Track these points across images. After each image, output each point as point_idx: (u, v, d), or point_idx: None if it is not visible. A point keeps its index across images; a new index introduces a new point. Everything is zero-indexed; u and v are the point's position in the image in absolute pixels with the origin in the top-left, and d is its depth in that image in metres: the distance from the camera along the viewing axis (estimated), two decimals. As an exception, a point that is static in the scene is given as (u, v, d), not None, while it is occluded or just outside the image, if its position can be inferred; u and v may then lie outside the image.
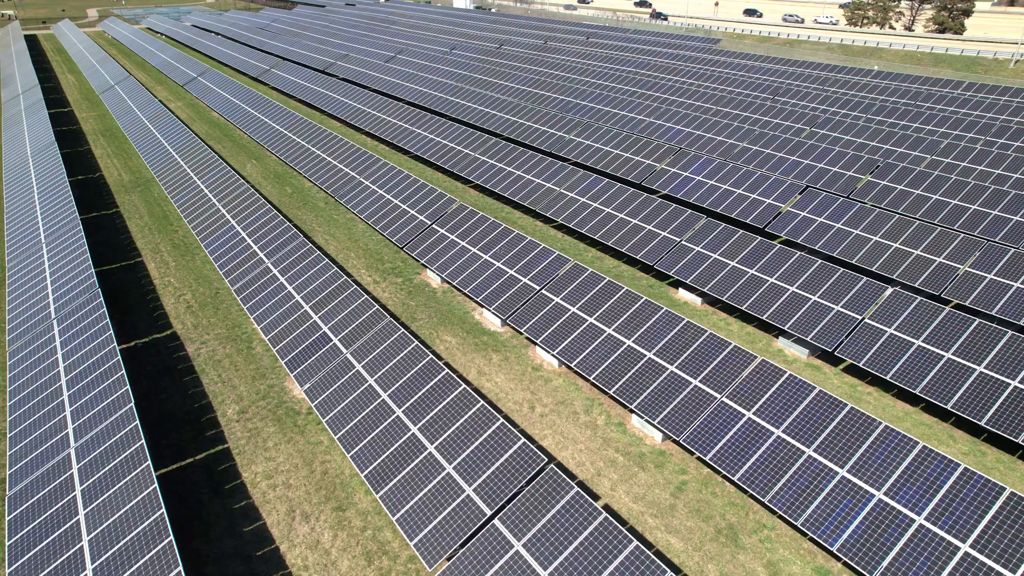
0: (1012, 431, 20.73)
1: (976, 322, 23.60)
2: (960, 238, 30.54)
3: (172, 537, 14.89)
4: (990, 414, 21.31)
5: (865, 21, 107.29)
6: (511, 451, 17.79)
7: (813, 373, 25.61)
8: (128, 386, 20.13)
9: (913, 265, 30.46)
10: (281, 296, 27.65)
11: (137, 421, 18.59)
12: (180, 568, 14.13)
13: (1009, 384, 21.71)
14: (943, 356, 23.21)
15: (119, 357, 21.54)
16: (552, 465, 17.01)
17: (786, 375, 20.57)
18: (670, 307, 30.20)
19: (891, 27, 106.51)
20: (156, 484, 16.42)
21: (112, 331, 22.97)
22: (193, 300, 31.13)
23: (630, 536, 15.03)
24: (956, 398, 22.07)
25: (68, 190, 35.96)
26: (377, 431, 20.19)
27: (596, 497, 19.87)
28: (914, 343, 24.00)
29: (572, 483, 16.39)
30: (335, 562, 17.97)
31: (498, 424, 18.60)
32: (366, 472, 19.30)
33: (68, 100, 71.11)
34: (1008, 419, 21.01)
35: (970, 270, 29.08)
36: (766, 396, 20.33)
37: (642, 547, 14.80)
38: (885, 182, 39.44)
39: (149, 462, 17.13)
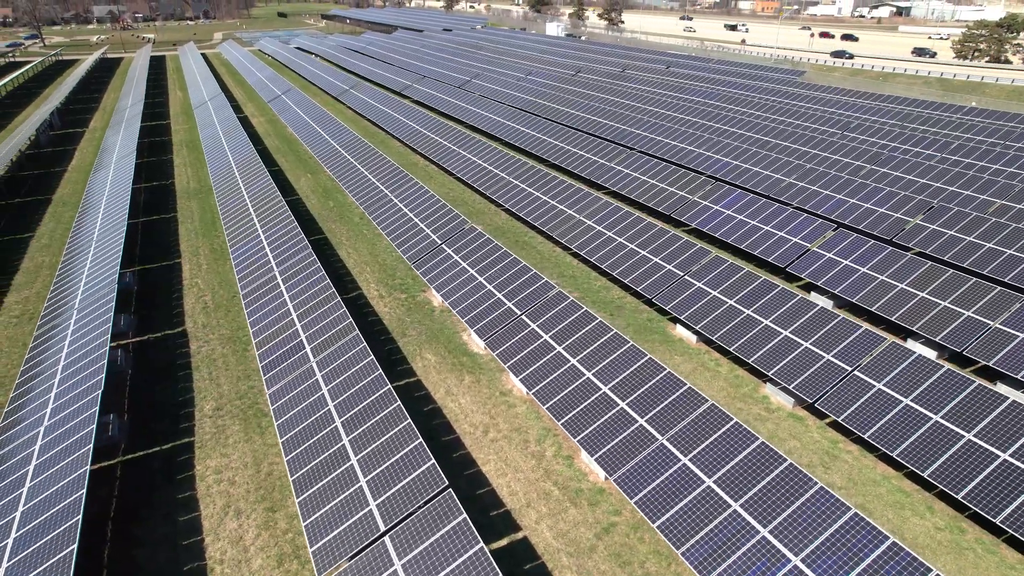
0: (992, 510, 18.53)
1: (974, 384, 21.34)
2: (996, 291, 27.74)
3: (80, 517, 16.04)
4: (970, 487, 19.16)
5: (976, 54, 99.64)
6: (418, 471, 17.87)
7: (794, 424, 23.95)
8: (103, 375, 21.89)
9: (937, 317, 27.93)
10: (277, 303, 29.13)
11: (97, 408, 20.18)
12: (75, 546, 15.19)
13: (998, 457, 19.45)
14: (930, 418, 21.12)
15: (106, 349, 23.45)
16: (450, 490, 16.94)
17: (731, 423, 19.44)
18: (664, 343, 29.22)
19: (1006, 60, 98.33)
20: (88, 467, 17.75)
21: (110, 326, 25.04)
22: (211, 301, 33.31)
23: (498, 571, 14.71)
24: (936, 466, 20.00)
25: (128, 195, 39.57)
26: (314, 439, 20.83)
27: (517, 529, 19.50)
28: (902, 401, 21.99)
29: (462, 509, 16.25)
30: (249, 560, 18.62)
31: (415, 444, 18.74)
32: (295, 477, 19.94)
33: (169, 114, 78.25)
34: (990, 496, 18.82)
35: (1000, 327, 26.33)
36: (706, 443, 19.28)
37: (505, 582, 14.45)
38: (935, 226, 36.43)
39: (91, 445, 18.54)
